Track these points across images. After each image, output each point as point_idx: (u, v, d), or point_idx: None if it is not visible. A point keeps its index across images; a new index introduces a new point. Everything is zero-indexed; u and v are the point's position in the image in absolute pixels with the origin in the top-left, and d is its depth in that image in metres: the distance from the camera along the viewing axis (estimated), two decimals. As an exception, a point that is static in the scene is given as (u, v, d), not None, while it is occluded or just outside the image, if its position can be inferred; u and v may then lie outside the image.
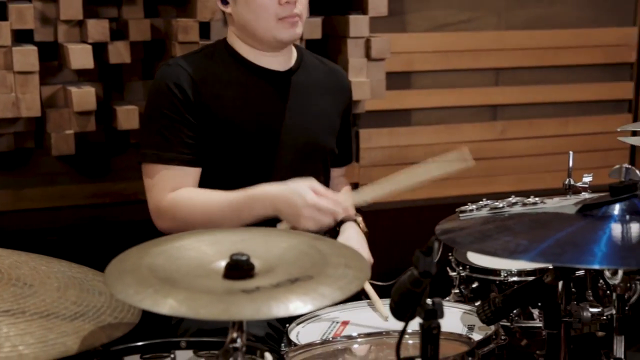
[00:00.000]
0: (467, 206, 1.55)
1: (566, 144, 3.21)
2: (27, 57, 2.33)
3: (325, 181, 2.27)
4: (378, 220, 2.80)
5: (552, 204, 1.47)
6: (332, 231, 2.28)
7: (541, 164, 3.21)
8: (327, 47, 2.76)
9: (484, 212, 1.50)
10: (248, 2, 2.06)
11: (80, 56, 2.38)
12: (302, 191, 1.91)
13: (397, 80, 2.94)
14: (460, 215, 1.52)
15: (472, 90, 3.10)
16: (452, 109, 3.10)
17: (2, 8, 2.37)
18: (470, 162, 2.02)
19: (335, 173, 2.36)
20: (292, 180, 1.97)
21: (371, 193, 2.03)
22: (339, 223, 2.25)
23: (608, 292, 2.06)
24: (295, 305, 1.09)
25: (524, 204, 1.48)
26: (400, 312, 1.25)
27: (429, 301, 1.19)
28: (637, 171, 1.38)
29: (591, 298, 1.97)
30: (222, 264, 1.21)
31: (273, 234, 1.32)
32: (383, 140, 3.01)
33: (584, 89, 3.22)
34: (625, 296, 1.81)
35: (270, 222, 1.95)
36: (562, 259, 1.22)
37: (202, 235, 1.31)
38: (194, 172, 2.08)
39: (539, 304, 1.55)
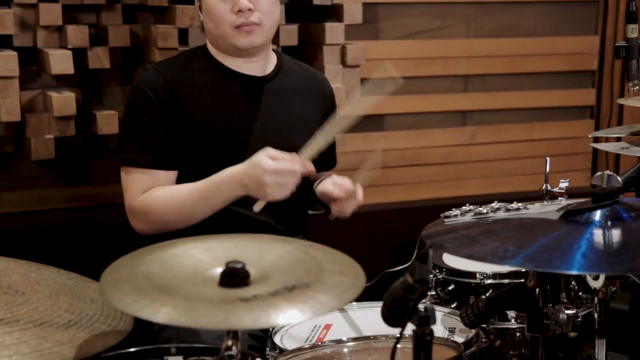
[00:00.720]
0: (451, 211, 1.53)
1: (532, 148, 3.23)
2: (7, 62, 2.27)
3: (303, 185, 2.25)
4: (351, 223, 2.79)
5: (535, 210, 1.46)
6: (310, 193, 2.22)
7: (509, 168, 3.22)
8: (303, 53, 2.74)
9: (468, 217, 1.49)
10: (208, 11, 2.05)
11: (60, 61, 2.33)
12: (260, 160, 1.88)
13: (370, 86, 2.92)
14: (445, 220, 1.50)
15: (443, 96, 3.10)
16: (424, 114, 3.10)
17: (-19, 14, 2.32)
18: (398, 78, 1.99)
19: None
20: (252, 157, 1.93)
21: (321, 139, 1.98)
22: (312, 183, 2.20)
23: (580, 293, 2.07)
24: (293, 313, 1.07)
25: (507, 210, 1.47)
26: (392, 318, 1.23)
27: (421, 307, 1.18)
28: (619, 178, 1.38)
29: (565, 300, 1.98)
30: (217, 271, 1.18)
31: (266, 241, 1.29)
32: (357, 145, 2.98)
33: (549, 95, 3.23)
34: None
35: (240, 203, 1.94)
36: (551, 265, 1.21)
37: (195, 242, 1.28)
38: (169, 175, 2.05)
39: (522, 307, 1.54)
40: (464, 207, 1.55)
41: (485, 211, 1.47)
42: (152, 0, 2.47)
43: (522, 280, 1.52)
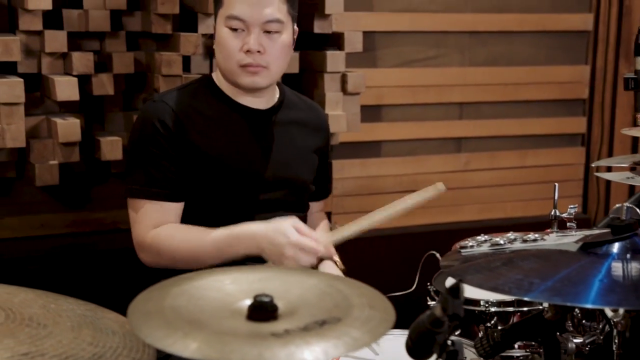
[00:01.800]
0: (467, 241, 1.51)
1: (525, 175, 3.24)
2: (13, 88, 2.23)
3: (304, 216, 2.23)
4: (349, 248, 2.76)
5: (552, 241, 1.45)
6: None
7: (502, 194, 3.21)
8: (303, 81, 2.72)
9: (485, 248, 1.47)
10: (219, 44, 2.03)
11: (66, 88, 2.29)
12: (286, 230, 1.86)
13: (369, 113, 2.91)
14: (462, 250, 1.48)
15: (438, 124, 3.09)
16: (419, 141, 3.09)
17: (-13, 40, 2.28)
18: (443, 190, 2.01)
19: (314, 207, 2.31)
20: (275, 219, 1.92)
21: (349, 230, 2.00)
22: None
23: (583, 321, 2.05)
24: (327, 349, 1.04)
25: (524, 240, 1.45)
26: (418, 351, 1.20)
27: (449, 342, 1.15)
28: (638, 210, 1.37)
29: (571, 328, 1.96)
30: (244, 304, 1.15)
31: (291, 273, 1.26)
32: (355, 171, 2.98)
33: (540, 123, 3.24)
34: (600, 327, 1.81)
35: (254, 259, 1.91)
36: (576, 299, 1.19)
37: (220, 274, 1.24)
38: (177, 207, 2.03)
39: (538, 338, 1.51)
40: (479, 237, 1.53)
41: (502, 242, 1.45)
42: (156, 28, 2.44)
43: (540, 309, 1.49)
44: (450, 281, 1.87)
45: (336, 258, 2.18)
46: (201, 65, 2.56)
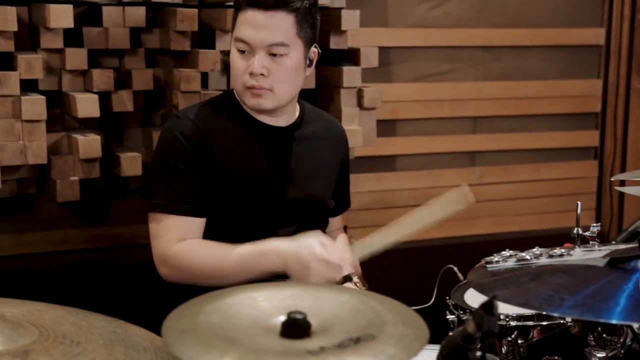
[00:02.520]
0: (492, 257, 1.50)
1: (538, 188, 3.23)
2: (35, 106, 2.24)
3: (324, 231, 2.23)
4: (364, 262, 2.76)
5: (578, 256, 1.44)
6: None
7: (516, 208, 3.21)
8: (320, 96, 2.72)
9: (511, 263, 1.46)
10: (231, 64, 2.05)
11: (87, 105, 2.30)
12: (312, 245, 1.87)
13: (383, 127, 2.91)
14: (488, 265, 1.47)
15: (452, 138, 3.09)
16: (434, 155, 3.09)
17: (9, 59, 2.29)
18: (471, 199, 1.99)
19: (333, 223, 2.32)
20: (299, 235, 1.92)
21: (374, 247, 1.99)
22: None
23: (604, 335, 2.04)
24: (364, 366, 1.03)
25: (550, 256, 1.44)
26: (449, 366, 1.19)
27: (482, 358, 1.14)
28: (665, 225, 1.36)
29: (593, 343, 1.95)
30: (277, 321, 1.14)
31: (322, 290, 1.25)
32: (370, 185, 2.98)
33: (554, 136, 3.23)
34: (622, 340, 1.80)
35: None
36: (609, 315, 1.18)
37: (252, 291, 1.24)
38: (200, 222, 2.02)
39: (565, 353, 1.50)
40: (504, 253, 1.52)
41: (528, 257, 1.44)
42: (175, 45, 2.44)
43: (562, 324, 1.48)
44: (478, 296, 1.86)
45: (356, 279, 2.17)
46: (219, 81, 2.57)
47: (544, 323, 2.05)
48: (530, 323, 2.09)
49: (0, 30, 2.21)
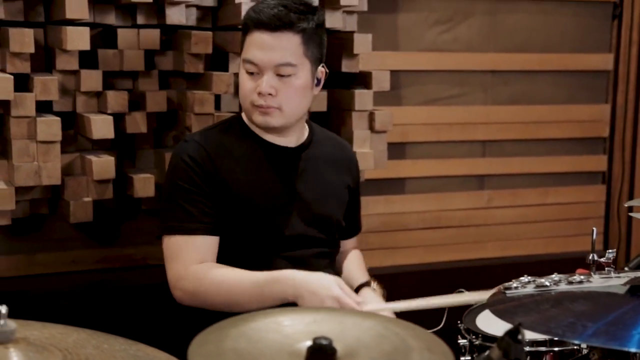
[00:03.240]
0: (511, 282, 1.50)
1: (546, 212, 3.23)
2: (50, 127, 2.24)
3: (335, 252, 2.23)
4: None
5: (598, 283, 1.44)
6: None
7: (524, 231, 3.21)
8: (331, 119, 2.73)
9: (530, 289, 1.46)
10: (239, 84, 2.06)
11: (101, 126, 2.30)
12: (328, 283, 1.87)
13: (393, 150, 2.92)
14: (506, 291, 1.47)
15: (461, 161, 3.10)
16: (443, 178, 3.09)
17: (25, 80, 2.30)
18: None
19: (347, 244, 2.32)
20: (318, 273, 1.93)
21: (395, 306, 1.99)
22: (355, 290, 2.21)
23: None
24: (392, 393, 1.03)
25: (569, 282, 1.44)
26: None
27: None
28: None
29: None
30: (302, 346, 1.14)
31: (346, 315, 1.25)
32: (379, 208, 2.98)
33: (562, 161, 3.24)
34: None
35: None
36: (632, 343, 1.18)
37: (275, 316, 1.24)
38: (215, 241, 2.03)
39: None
40: (522, 279, 1.52)
41: (547, 283, 1.44)
42: (188, 67, 2.46)
43: (580, 350, 1.48)
44: (489, 321, 1.86)
45: (374, 285, 2.19)
46: (231, 103, 2.58)
47: (556, 349, 2.05)
48: (543, 349, 2.09)
49: (17, 52, 2.22)
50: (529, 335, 2.02)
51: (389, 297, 2.89)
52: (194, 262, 1.99)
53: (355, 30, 2.66)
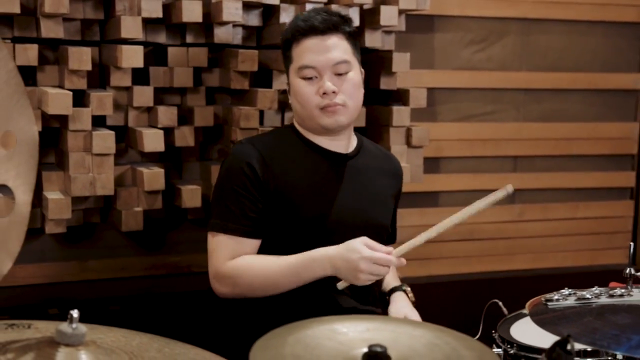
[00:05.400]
0: (552, 294, 1.51)
1: (576, 226, 3.23)
2: (105, 140, 2.29)
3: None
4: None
5: (638, 297, 1.44)
6: (383, 300, 2.24)
7: (555, 244, 3.20)
8: (369, 134, 2.75)
9: (570, 302, 1.46)
10: (296, 93, 2.09)
11: (152, 140, 2.34)
12: (358, 247, 1.90)
13: (428, 165, 2.93)
14: (548, 303, 1.48)
15: (493, 176, 3.10)
16: (475, 192, 3.08)
17: (82, 96, 2.34)
18: (511, 190, 1.97)
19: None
20: (346, 242, 1.95)
21: (418, 240, 2.00)
22: (389, 292, 2.22)
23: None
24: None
25: (610, 295, 1.45)
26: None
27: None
28: None
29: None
30: (358, 353, 1.16)
31: (398, 324, 1.27)
32: (414, 220, 2.99)
33: (591, 176, 3.24)
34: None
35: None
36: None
37: (331, 323, 1.26)
38: (253, 243, 2.06)
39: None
40: (562, 291, 1.52)
41: (588, 296, 1.45)
42: (234, 84, 2.49)
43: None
44: (523, 331, 1.86)
45: (407, 289, 2.21)
46: (274, 118, 2.60)
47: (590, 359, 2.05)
48: (577, 359, 2.09)
49: (75, 70, 2.26)
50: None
51: (421, 305, 2.91)
52: (229, 259, 2.03)
53: (393, 49, 2.68)
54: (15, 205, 1.25)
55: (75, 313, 1.21)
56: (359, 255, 1.87)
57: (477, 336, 2.30)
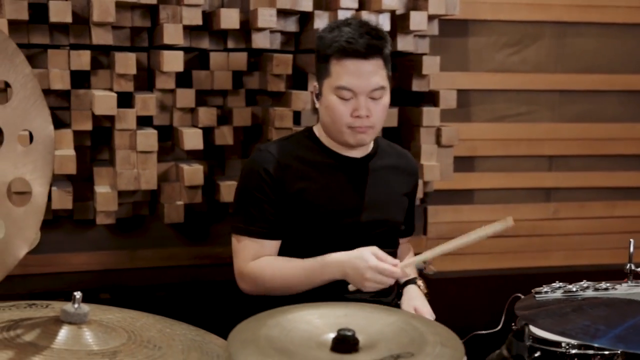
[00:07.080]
0: (542, 287, 1.49)
1: (613, 225, 3.14)
2: (148, 139, 2.37)
3: (395, 252, 2.25)
4: (442, 287, 2.75)
5: (623, 290, 1.41)
6: (396, 292, 2.25)
7: (590, 242, 3.13)
8: (401, 134, 2.76)
9: (558, 294, 1.44)
10: (328, 107, 2.08)
11: (192, 138, 2.41)
12: (366, 256, 1.93)
13: (463, 163, 2.91)
14: (536, 295, 1.46)
15: (528, 175, 3.05)
16: (510, 190, 3.05)
17: (129, 98, 2.43)
18: (510, 223, 1.95)
19: (401, 241, 2.34)
20: (357, 249, 1.98)
21: (424, 256, 2.01)
22: (402, 285, 2.23)
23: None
24: (400, 381, 1.06)
25: (596, 289, 1.42)
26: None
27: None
28: None
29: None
30: (329, 337, 1.18)
31: (373, 310, 1.29)
32: (448, 216, 2.97)
33: (627, 176, 3.14)
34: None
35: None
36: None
37: (309, 309, 1.28)
38: (274, 244, 2.11)
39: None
40: (553, 285, 1.50)
41: (574, 289, 1.43)
42: (271, 86, 2.54)
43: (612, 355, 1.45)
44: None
45: (420, 282, 2.21)
46: (310, 118, 2.64)
47: (606, 352, 2.00)
48: (591, 352, 2.04)
49: (122, 74, 2.35)
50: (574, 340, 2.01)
51: (456, 299, 2.89)
52: (252, 259, 2.08)
53: (426, 53, 2.67)
54: (32, 197, 1.33)
55: (77, 294, 1.27)
56: (366, 265, 1.90)
57: (498, 328, 2.28)
